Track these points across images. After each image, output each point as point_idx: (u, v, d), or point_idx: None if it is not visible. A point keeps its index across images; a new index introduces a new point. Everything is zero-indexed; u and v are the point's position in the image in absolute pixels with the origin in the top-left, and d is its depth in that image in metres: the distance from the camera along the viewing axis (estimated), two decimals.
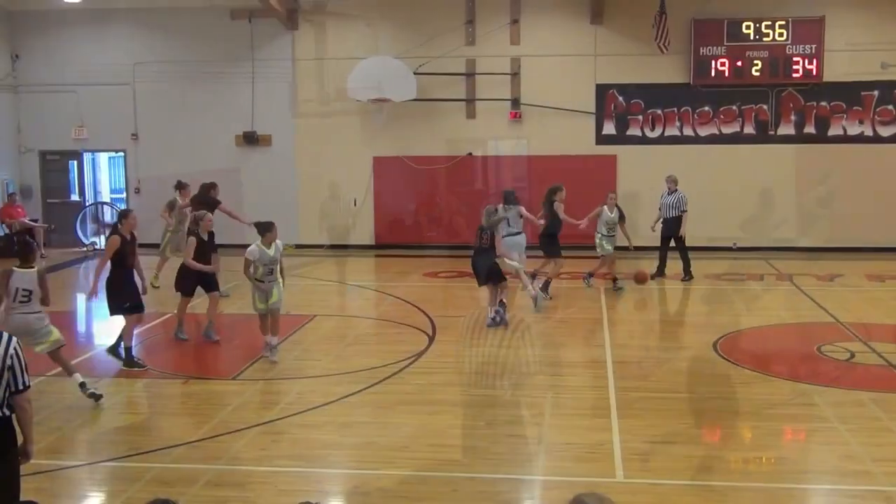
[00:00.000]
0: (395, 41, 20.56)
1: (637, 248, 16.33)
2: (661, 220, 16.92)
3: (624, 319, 14.20)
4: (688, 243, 16.97)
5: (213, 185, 15.85)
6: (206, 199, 15.42)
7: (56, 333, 9.71)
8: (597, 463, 8.12)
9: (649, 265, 17.16)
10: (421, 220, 20.79)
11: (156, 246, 16.59)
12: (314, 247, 20.89)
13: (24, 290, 9.29)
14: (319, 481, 7.97)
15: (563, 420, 9.40)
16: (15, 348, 5.66)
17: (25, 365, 5.76)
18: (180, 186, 16.26)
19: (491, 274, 13.12)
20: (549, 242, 15.37)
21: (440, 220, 20.78)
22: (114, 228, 11.79)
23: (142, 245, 12.40)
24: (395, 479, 7.85)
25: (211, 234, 12.63)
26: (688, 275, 16.78)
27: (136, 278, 11.59)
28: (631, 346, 12.28)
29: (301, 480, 7.88)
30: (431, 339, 12.70)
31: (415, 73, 20.12)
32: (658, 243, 17.13)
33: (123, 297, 11.19)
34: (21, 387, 5.68)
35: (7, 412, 5.66)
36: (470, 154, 20.80)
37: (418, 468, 8.05)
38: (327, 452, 8.62)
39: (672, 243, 16.89)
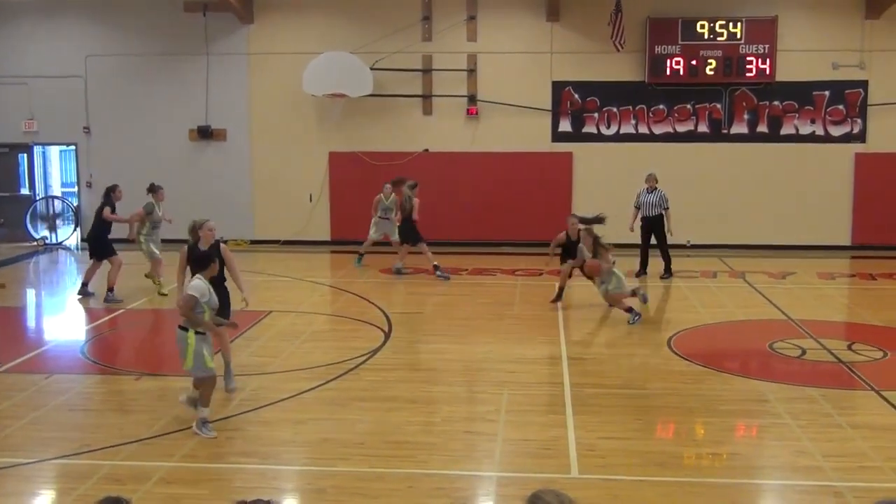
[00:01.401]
0: (352, 36, 20.47)
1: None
2: (641, 218, 16.95)
3: (579, 316, 14.27)
4: (631, 241, 17.11)
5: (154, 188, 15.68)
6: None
7: None
8: (552, 459, 8.15)
9: (631, 264, 17.31)
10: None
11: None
12: (269, 242, 20.75)
13: None
14: (275, 478, 7.91)
15: (519, 416, 9.41)
16: None
17: None
18: (154, 189, 15.68)
19: None
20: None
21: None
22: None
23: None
24: (351, 476, 7.81)
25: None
26: (668, 273, 16.84)
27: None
28: (586, 343, 12.35)
29: (256, 477, 7.81)
30: (387, 335, 12.67)
31: (371, 69, 20.06)
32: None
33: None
34: None
35: None
36: (426, 150, 20.78)
37: (374, 464, 8.02)
38: (282, 449, 8.56)
39: (653, 241, 16.93)
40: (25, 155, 22.27)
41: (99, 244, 15.24)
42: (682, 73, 20.22)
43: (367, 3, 20.61)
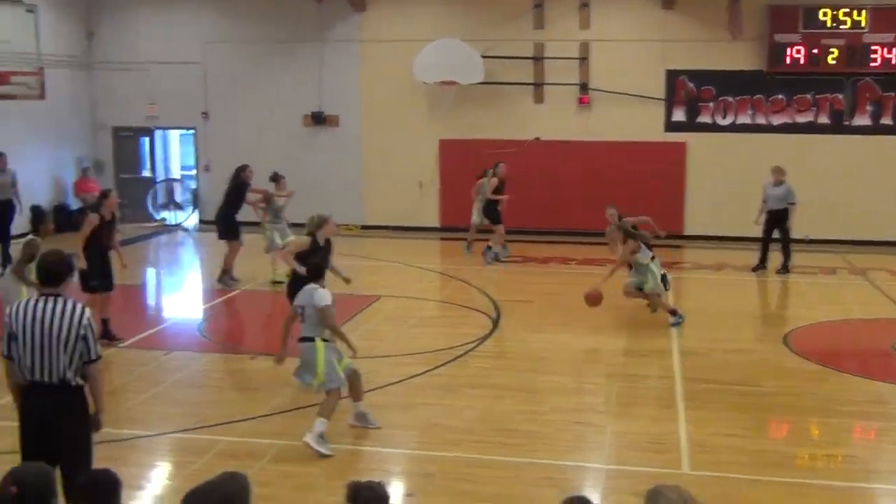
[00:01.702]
0: (463, 24, 20.47)
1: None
2: (766, 212, 16.51)
3: (693, 309, 14.00)
4: (745, 234, 16.69)
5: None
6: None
7: None
8: (662, 454, 8.04)
9: (746, 258, 17.01)
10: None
11: (210, 223, 16.73)
12: (379, 228, 20.96)
13: None
14: (383, 460, 8.02)
15: (629, 409, 9.32)
16: (88, 319, 5.77)
17: (97, 335, 5.88)
18: (276, 178, 15.66)
19: None
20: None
21: (507, 204, 20.66)
22: (94, 207, 11.59)
23: (205, 222, 12.51)
24: (459, 462, 7.86)
25: None
26: (786, 268, 16.40)
27: (114, 257, 11.57)
28: (699, 338, 12.09)
29: (365, 459, 7.94)
30: (496, 323, 12.67)
31: (482, 56, 20.03)
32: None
33: (93, 275, 11.04)
34: (93, 356, 5.78)
35: (79, 381, 5.78)
36: (537, 139, 20.67)
37: (482, 451, 8.05)
38: (391, 432, 8.65)
39: (776, 235, 16.49)
40: (147, 138, 22.98)
41: (225, 226, 15.15)
42: (802, 62, 19.60)
43: None
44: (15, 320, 5.71)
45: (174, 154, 24.47)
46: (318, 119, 21.38)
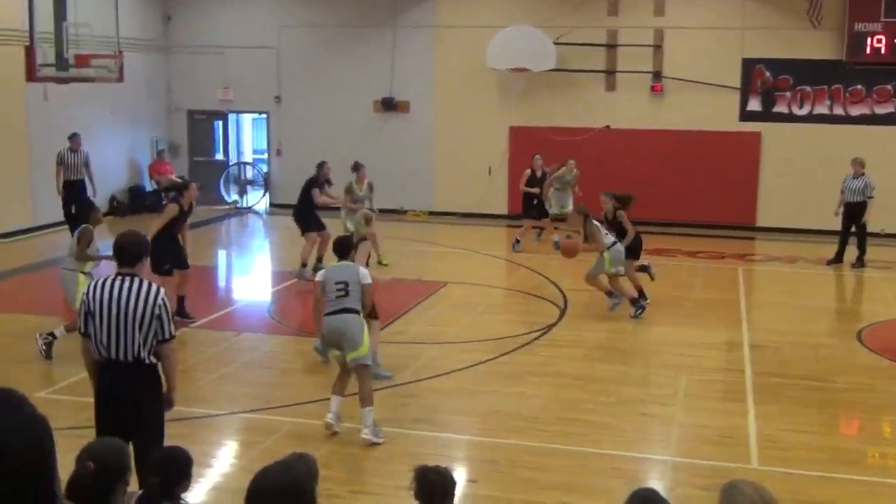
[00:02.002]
0: (536, 10, 20.34)
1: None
2: (844, 204, 16.17)
3: (764, 302, 13.80)
4: (821, 226, 16.30)
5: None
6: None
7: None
8: (730, 447, 7.95)
9: (777, 248, 16.65)
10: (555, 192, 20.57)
11: (288, 206, 16.82)
12: (447, 214, 20.99)
13: None
14: (448, 446, 8.05)
15: (697, 402, 9.22)
16: (163, 299, 5.88)
17: (172, 315, 5.98)
18: (357, 168, 15.45)
19: None
20: None
21: (575, 194, 20.53)
22: (174, 198, 11.66)
23: (276, 205, 12.63)
24: (523, 450, 7.86)
25: None
26: (861, 262, 16.05)
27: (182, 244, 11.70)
28: (769, 331, 11.88)
29: (430, 444, 7.97)
30: (563, 312, 12.62)
31: (554, 43, 19.90)
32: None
33: (165, 260, 11.09)
34: (167, 336, 5.89)
35: (153, 360, 5.89)
36: (608, 127, 20.49)
37: (546, 440, 8.04)
38: (456, 418, 8.69)
39: (853, 229, 16.14)
40: (221, 122, 23.31)
41: (302, 220, 14.89)
42: (883, 51, 19.08)
43: None
44: (92, 299, 5.84)
45: (246, 138, 24.77)
46: (389, 105, 21.46)
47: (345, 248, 8.53)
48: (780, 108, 19.88)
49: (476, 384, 9.65)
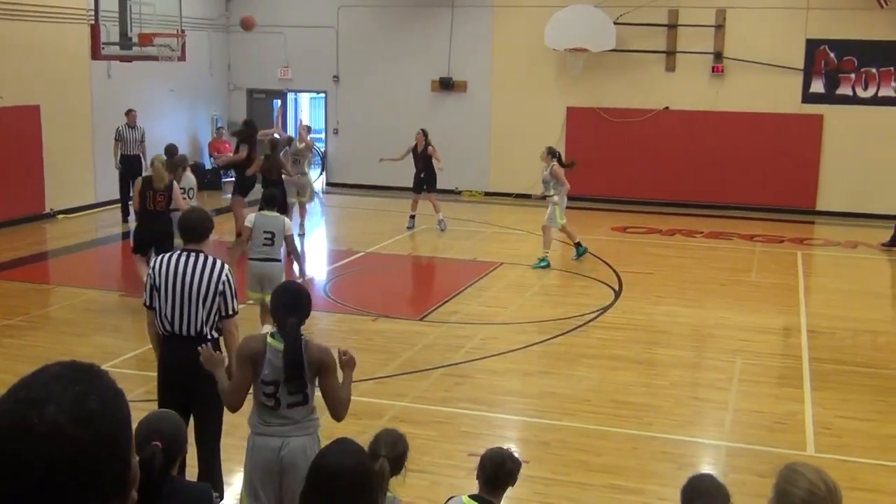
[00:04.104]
0: None
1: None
2: None
3: (822, 287, 13.60)
4: (884, 211, 15.96)
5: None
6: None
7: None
8: (786, 434, 7.88)
9: (838, 233, 16.37)
10: (612, 173, 20.45)
11: (344, 185, 16.99)
12: (503, 195, 20.97)
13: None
14: (500, 426, 8.10)
15: (752, 387, 9.14)
16: (227, 275, 5.98)
17: (236, 292, 6.08)
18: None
19: None
20: None
21: (631, 175, 20.39)
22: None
23: (332, 184, 12.69)
24: (575, 432, 7.87)
25: None
26: None
27: None
28: (828, 316, 11.73)
29: (482, 424, 8.02)
30: (617, 294, 12.57)
31: (615, 23, 19.72)
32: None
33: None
34: (230, 312, 6.00)
35: (215, 335, 6.01)
36: (666, 108, 20.28)
37: (599, 422, 8.04)
38: (509, 399, 8.73)
39: None
40: (279, 101, 23.50)
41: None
42: None
43: None
44: (157, 273, 5.98)
45: (304, 117, 24.94)
46: (446, 84, 21.45)
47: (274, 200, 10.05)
48: (845, 89, 19.49)
49: (529, 365, 9.68)
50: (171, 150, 13.48)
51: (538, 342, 10.32)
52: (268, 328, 8.23)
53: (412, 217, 16.77)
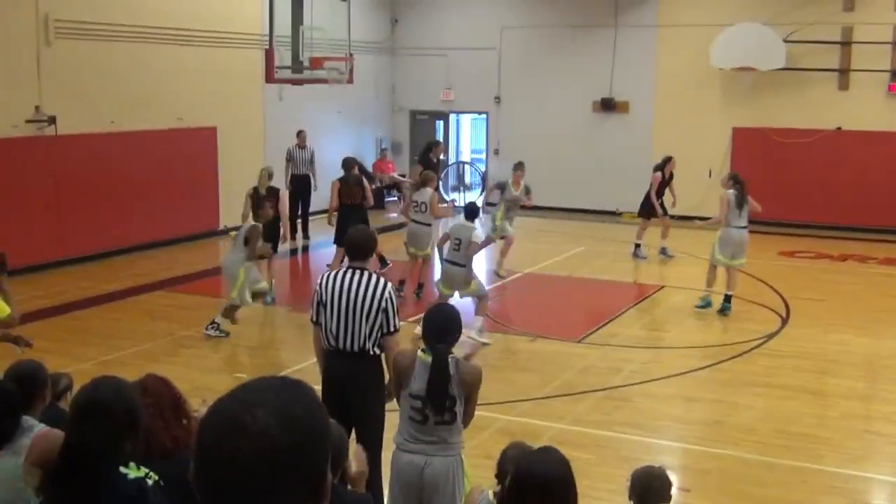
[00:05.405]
0: (766, 7, 19.61)
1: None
2: None
3: None
4: None
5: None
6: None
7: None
8: None
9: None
10: (780, 195, 19.79)
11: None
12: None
13: None
14: (660, 452, 7.95)
15: None
16: (390, 292, 6.13)
17: (397, 309, 6.21)
18: (517, 167, 15.12)
19: None
20: None
21: (800, 197, 19.67)
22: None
23: (490, 204, 12.76)
24: (739, 461, 7.66)
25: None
26: None
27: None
28: None
29: (641, 449, 7.89)
30: (784, 321, 12.15)
31: (784, 41, 19.13)
32: None
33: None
34: (392, 329, 6.14)
35: (377, 351, 6.15)
36: (839, 128, 19.50)
37: (764, 453, 7.79)
38: (669, 424, 8.58)
39: None
40: (442, 122, 23.87)
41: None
42: None
43: None
44: (324, 290, 6.18)
45: (465, 137, 25.23)
46: (608, 105, 21.30)
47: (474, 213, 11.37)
48: None
49: (691, 391, 9.48)
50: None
51: (701, 367, 10.09)
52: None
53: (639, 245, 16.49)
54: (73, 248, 14.83)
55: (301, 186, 17.48)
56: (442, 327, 5.15)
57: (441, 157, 16.44)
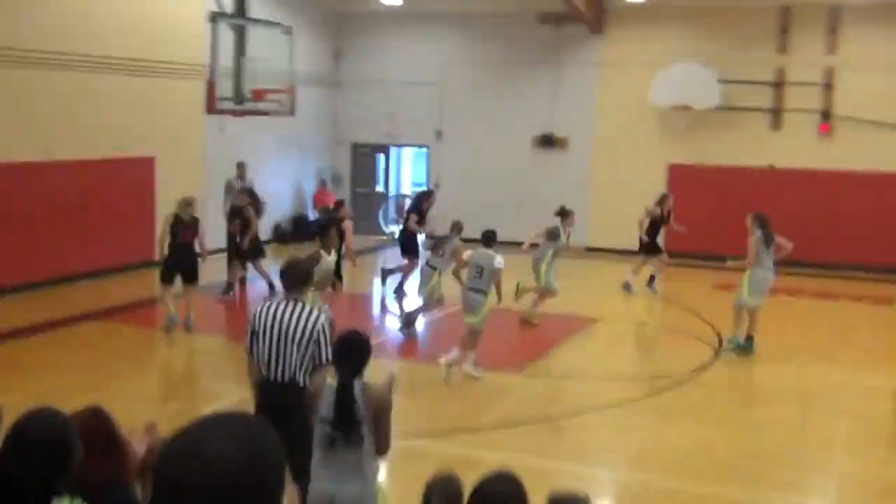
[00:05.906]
0: (702, 47, 20.08)
1: None
2: None
3: None
4: None
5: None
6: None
7: None
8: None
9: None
10: (715, 230, 20.15)
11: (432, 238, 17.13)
12: (603, 251, 20.85)
13: None
14: (591, 481, 7.97)
15: (859, 450, 8.84)
16: (322, 324, 6.12)
17: (329, 340, 6.17)
18: (563, 213, 14.99)
19: None
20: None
21: (734, 232, 20.00)
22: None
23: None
24: (672, 491, 7.73)
25: None
26: None
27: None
28: None
29: (577, 479, 7.91)
30: (717, 352, 12.34)
31: (719, 81, 19.59)
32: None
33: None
34: (324, 360, 6.10)
35: (307, 381, 6.10)
36: (771, 166, 19.96)
37: (696, 482, 7.88)
38: (604, 455, 8.63)
39: None
40: (383, 155, 23.94)
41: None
42: None
43: (722, 14, 20.10)
44: (258, 319, 6.16)
45: (406, 171, 25.34)
46: (547, 141, 21.57)
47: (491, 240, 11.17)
48: None
49: (626, 420, 9.56)
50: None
51: (635, 399, 10.19)
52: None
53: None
54: (5, 277, 14.54)
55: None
56: (347, 350, 5.20)
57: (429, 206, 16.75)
